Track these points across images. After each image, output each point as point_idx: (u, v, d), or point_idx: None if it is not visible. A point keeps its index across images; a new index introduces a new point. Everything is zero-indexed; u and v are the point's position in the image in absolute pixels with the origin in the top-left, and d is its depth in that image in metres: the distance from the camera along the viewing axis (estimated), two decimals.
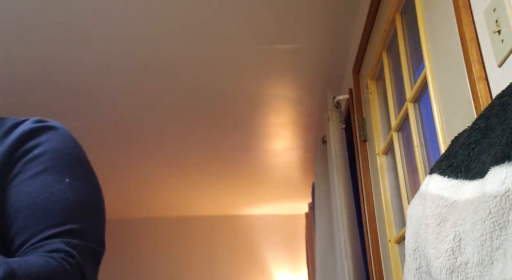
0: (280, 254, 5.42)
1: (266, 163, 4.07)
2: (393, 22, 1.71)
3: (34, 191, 0.76)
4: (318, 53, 2.57)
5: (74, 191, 0.79)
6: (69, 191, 0.78)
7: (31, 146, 0.80)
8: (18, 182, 0.77)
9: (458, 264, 0.66)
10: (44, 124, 0.83)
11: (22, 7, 2.17)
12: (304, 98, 3.04)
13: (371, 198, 2.05)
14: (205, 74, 2.74)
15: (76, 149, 0.84)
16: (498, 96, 0.73)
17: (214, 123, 3.34)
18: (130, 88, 2.85)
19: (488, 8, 0.95)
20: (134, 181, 4.40)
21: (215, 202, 5.12)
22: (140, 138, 3.53)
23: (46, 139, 0.81)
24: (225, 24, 2.31)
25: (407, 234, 0.85)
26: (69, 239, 0.74)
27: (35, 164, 0.78)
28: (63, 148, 0.82)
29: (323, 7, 2.21)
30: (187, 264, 5.32)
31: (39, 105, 2.99)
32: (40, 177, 0.78)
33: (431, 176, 0.85)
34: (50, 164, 0.79)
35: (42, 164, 0.79)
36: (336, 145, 2.37)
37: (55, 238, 0.73)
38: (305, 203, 4.87)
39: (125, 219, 5.41)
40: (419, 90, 1.50)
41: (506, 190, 0.59)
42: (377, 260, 1.94)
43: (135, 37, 2.39)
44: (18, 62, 2.56)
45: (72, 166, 0.81)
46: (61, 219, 0.75)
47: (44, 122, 0.84)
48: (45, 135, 0.82)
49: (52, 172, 0.79)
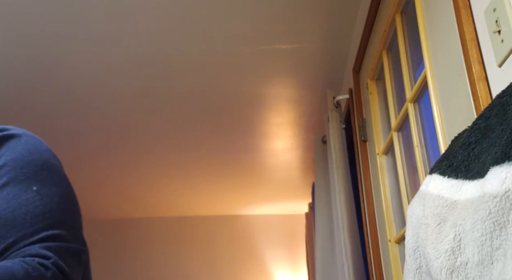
0: (280, 254, 5.42)
1: (266, 163, 4.07)
2: (393, 22, 1.71)
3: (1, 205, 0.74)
4: (318, 53, 2.57)
5: (44, 197, 0.77)
6: (38, 199, 0.76)
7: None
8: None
9: (458, 264, 0.66)
10: (4, 134, 0.81)
11: (22, 7, 2.16)
12: (304, 98, 3.04)
13: (371, 198, 2.05)
14: (205, 74, 2.74)
15: (40, 154, 0.82)
16: (498, 96, 0.73)
17: (214, 123, 3.34)
18: (130, 88, 2.85)
19: (488, 8, 0.95)
20: (134, 181, 4.40)
21: (215, 202, 5.12)
22: (139, 138, 3.53)
23: (7, 149, 0.79)
24: (225, 24, 2.31)
25: (407, 234, 0.85)
26: (45, 243, 0.72)
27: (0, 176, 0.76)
28: (26, 155, 0.80)
29: (323, 7, 2.21)
30: (187, 265, 5.32)
31: (38, 105, 2.99)
32: (6, 188, 0.76)
33: (431, 176, 0.85)
34: (13, 174, 0.77)
35: (5, 176, 0.77)
36: (336, 145, 2.37)
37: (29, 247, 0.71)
38: (305, 203, 4.87)
39: (124, 219, 5.41)
40: (419, 90, 1.50)
41: (506, 190, 0.59)
42: (377, 260, 1.94)
43: (135, 37, 2.39)
44: (18, 62, 2.56)
45: (37, 173, 0.79)
46: (33, 228, 0.73)
47: (4, 130, 0.82)
48: (6, 145, 0.80)
49: (17, 183, 0.76)
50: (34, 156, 0.80)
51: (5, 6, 2.15)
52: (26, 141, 0.82)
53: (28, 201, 0.75)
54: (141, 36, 2.38)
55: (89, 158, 3.74)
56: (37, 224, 0.73)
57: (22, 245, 0.71)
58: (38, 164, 0.80)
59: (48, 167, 0.81)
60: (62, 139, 3.44)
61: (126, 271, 5.16)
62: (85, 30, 2.32)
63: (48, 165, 0.81)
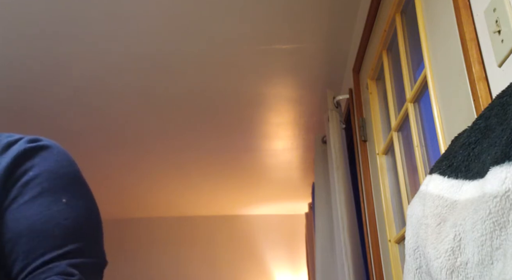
0: (280, 254, 5.42)
1: (266, 163, 4.07)
2: (393, 22, 1.71)
3: (33, 215, 0.77)
4: (318, 53, 2.56)
5: (72, 210, 0.80)
6: (67, 212, 0.79)
7: (26, 168, 0.80)
8: (16, 207, 0.77)
9: (458, 264, 0.66)
10: (38, 144, 0.83)
11: (22, 7, 2.16)
12: (304, 98, 3.04)
13: (371, 198, 2.05)
14: (205, 74, 2.74)
15: (70, 167, 0.85)
16: (498, 96, 0.73)
17: (214, 123, 3.34)
18: (130, 88, 2.85)
19: (488, 8, 0.95)
20: (134, 181, 4.40)
21: (215, 202, 5.12)
22: (139, 138, 3.53)
23: (40, 160, 0.82)
24: (225, 24, 2.31)
25: (407, 234, 0.85)
26: (71, 260, 0.75)
27: (32, 186, 0.79)
28: (57, 168, 0.82)
29: (323, 7, 2.21)
30: (187, 265, 5.32)
31: (38, 105, 2.99)
32: (38, 200, 0.78)
33: (431, 176, 0.85)
34: (46, 185, 0.79)
35: (38, 186, 0.79)
36: (336, 145, 2.37)
37: (57, 261, 0.74)
38: (305, 203, 4.87)
39: (124, 219, 5.41)
40: (419, 90, 1.50)
41: (506, 190, 0.59)
42: (377, 260, 1.94)
43: (135, 37, 2.39)
44: (18, 62, 2.56)
45: (67, 185, 0.82)
46: (61, 241, 0.76)
47: (37, 141, 0.84)
48: (39, 156, 0.82)
49: (49, 194, 0.79)
50: (65, 168, 0.84)
51: (5, 6, 2.15)
52: (58, 153, 0.85)
53: (59, 213, 0.78)
54: (141, 36, 2.38)
55: (89, 158, 3.74)
56: (64, 237, 0.77)
57: (49, 258, 0.74)
58: (69, 177, 0.83)
59: (77, 180, 0.85)
60: (62, 139, 3.41)
61: (126, 271, 5.16)
62: (85, 30, 2.32)
63: (78, 178, 0.85)
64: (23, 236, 0.75)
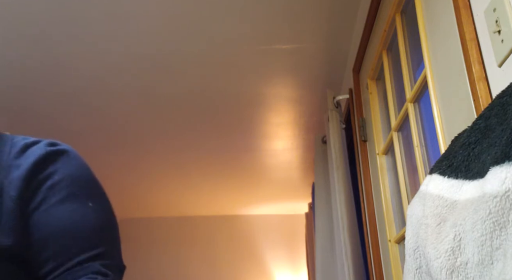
0: (280, 254, 5.42)
1: (266, 163, 4.07)
2: (393, 22, 1.71)
3: (63, 217, 0.79)
4: (318, 53, 2.56)
5: (97, 214, 0.83)
6: (93, 215, 0.82)
7: (51, 172, 0.82)
8: (45, 208, 0.78)
9: (458, 264, 0.66)
10: (58, 149, 0.86)
11: (22, 7, 2.16)
12: (304, 98, 3.04)
13: (371, 198, 2.05)
14: (205, 74, 2.74)
15: (89, 172, 0.88)
16: (498, 96, 0.72)
17: (214, 123, 3.34)
18: (130, 88, 2.85)
19: (488, 8, 0.95)
20: (134, 181, 4.40)
21: (215, 202, 5.12)
22: (139, 138, 3.53)
23: (62, 164, 0.84)
24: (225, 24, 2.31)
25: (407, 234, 0.85)
26: (103, 260, 0.78)
27: (58, 189, 0.81)
28: (79, 173, 0.85)
29: (323, 7, 2.21)
30: (187, 265, 5.32)
31: (38, 105, 2.99)
32: (65, 203, 0.80)
33: (431, 176, 0.85)
34: (72, 189, 0.82)
35: (64, 189, 0.81)
36: (336, 145, 2.37)
37: (91, 261, 0.77)
38: (305, 203, 4.87)
39: (124, 219, 5.41)
40: (419, 90, 1.50)
41: (506, 190, 0.59)
42: (377, 260, 1.94)
43: (135, 37, 2.39)
44: (18, 62, 2.56)
45: (90, 190, 0.85)
46: (91, 242, 0.79)
47: (57, 145, 0.87)
48: (61, 160, 0.84)
49: (76, 197, 0.81)
50: (84, 172, 0.86)
51: (5, 6, 2.15)
52: (75, 157, 0.87)
53: (86, 216, 0.81)
54: (141, 36, 2.38)
55: (89, 158, 3.70)
56: (96, 239, 0.80)
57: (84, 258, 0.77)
58: (89, 180, 0.86)
59: (96, 183, 0.88)
60: (62, 139, 3.39)
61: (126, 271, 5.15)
62: (85, 30, 2.32)
63: (96, 181, 0.88)
64: (55, 236, 0.77)
